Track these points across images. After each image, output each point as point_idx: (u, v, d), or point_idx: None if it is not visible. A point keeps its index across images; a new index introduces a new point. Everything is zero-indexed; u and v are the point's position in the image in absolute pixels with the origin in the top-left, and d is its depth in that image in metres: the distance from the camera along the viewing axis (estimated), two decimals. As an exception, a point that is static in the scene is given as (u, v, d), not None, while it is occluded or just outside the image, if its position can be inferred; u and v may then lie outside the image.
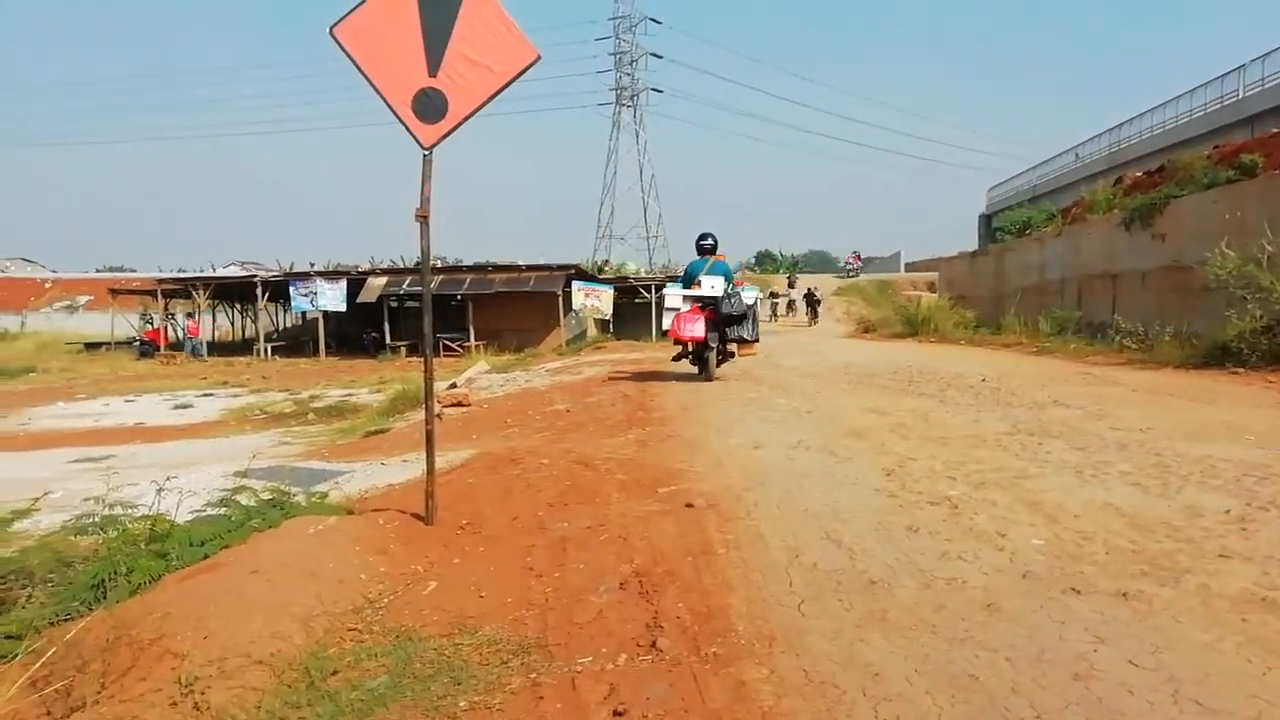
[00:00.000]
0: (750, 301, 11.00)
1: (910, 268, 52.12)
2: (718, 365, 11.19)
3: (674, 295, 11.19)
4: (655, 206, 64.37)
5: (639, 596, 3.57)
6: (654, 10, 63.41)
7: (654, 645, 3.07)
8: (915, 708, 2.52)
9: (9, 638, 3.52)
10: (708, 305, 10.77)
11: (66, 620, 3.70)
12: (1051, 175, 45.79)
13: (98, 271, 56.65)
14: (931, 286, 35.18)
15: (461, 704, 2.82)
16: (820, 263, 52.16)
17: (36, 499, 4.91)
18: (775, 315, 34.36)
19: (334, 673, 3.16)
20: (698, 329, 10.66)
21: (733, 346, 11.25)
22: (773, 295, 35.56)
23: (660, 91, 64.91)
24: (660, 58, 64.06)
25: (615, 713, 2.64)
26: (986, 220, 50.81)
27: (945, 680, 2.68)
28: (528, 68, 4.63)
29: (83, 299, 47.07)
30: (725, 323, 10.82)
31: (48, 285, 50.31)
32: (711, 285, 10.86)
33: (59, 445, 12.56)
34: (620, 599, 3.57)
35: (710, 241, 11.42)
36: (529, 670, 3.01)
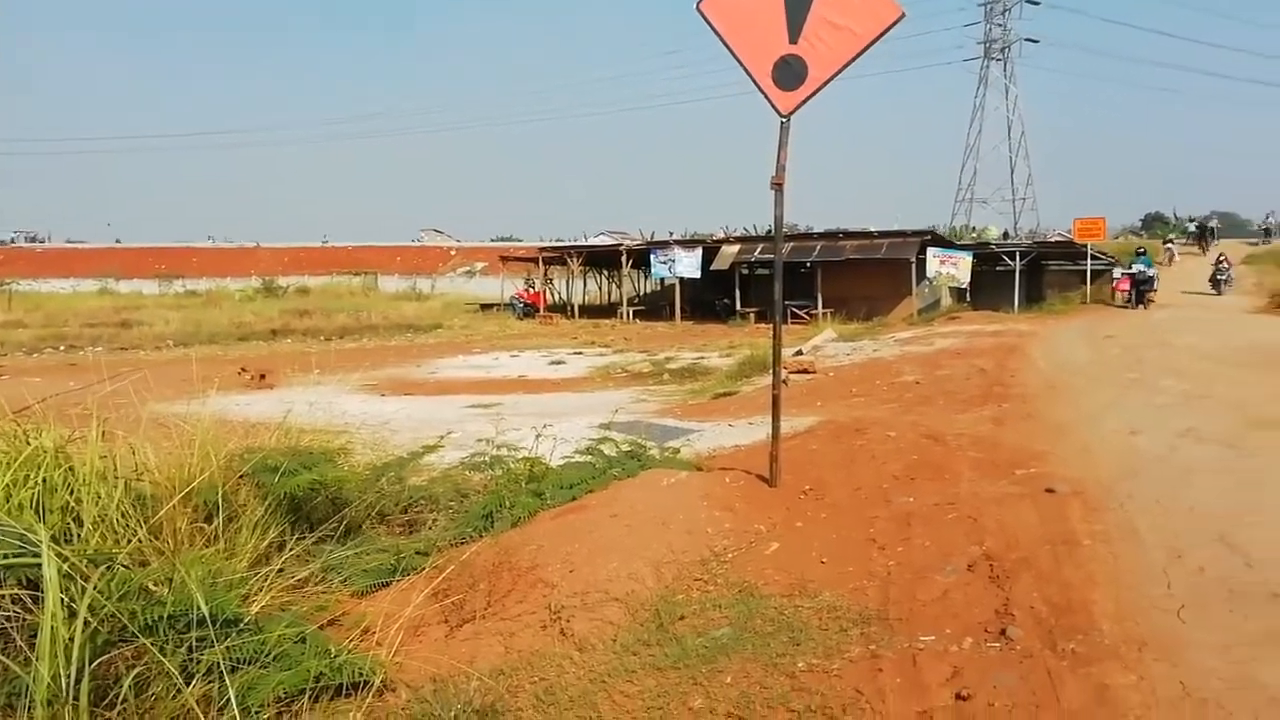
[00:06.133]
0: (1151, 274, 22.55)
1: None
2: (1137, 304, 22.23)
3: (1118, 271, 24.52)
4: (1024, 167, 58.55)
5: (989, 581, 3.39)
6: (1030, -47, 57.12)
7: (1004, 633, 2.91)
8: (1327, 747, 2.16)
9: (418, 553, 4.17)
10: (1131, 278, 22.69)
11: (462, 543, 4.31)
12: None
13: (491, 240, 63.92)
14: (1379, 253, 29.01)
15: (800, 664, 2.88)
16: (1229, 227, 44.83)
17: (441, 437, 5.74)
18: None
19: (681, 618, 3.37)
20: (1125, 286, 23.07)
21: (1145, 295, 22.34)
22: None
23: (1036, 42, 58.94)
24: (1037, 4, 58.38)
25: (958, 696, 2.56)
26: None
27: (1372, 722, 2.26)
28: (891, 26, 4.47)
29: (479, 265, 53.50)
30: (1139, 284, 22.39)
31: (452, 253, 57.80)
32: (1135, 267, 22.69)
33: (458, 392, 14.46)
34: (967, 581, 3.42)
35: (1141, 249, 25.78)
36: (868, 641, 3.00)
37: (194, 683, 2.69)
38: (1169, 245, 35.24)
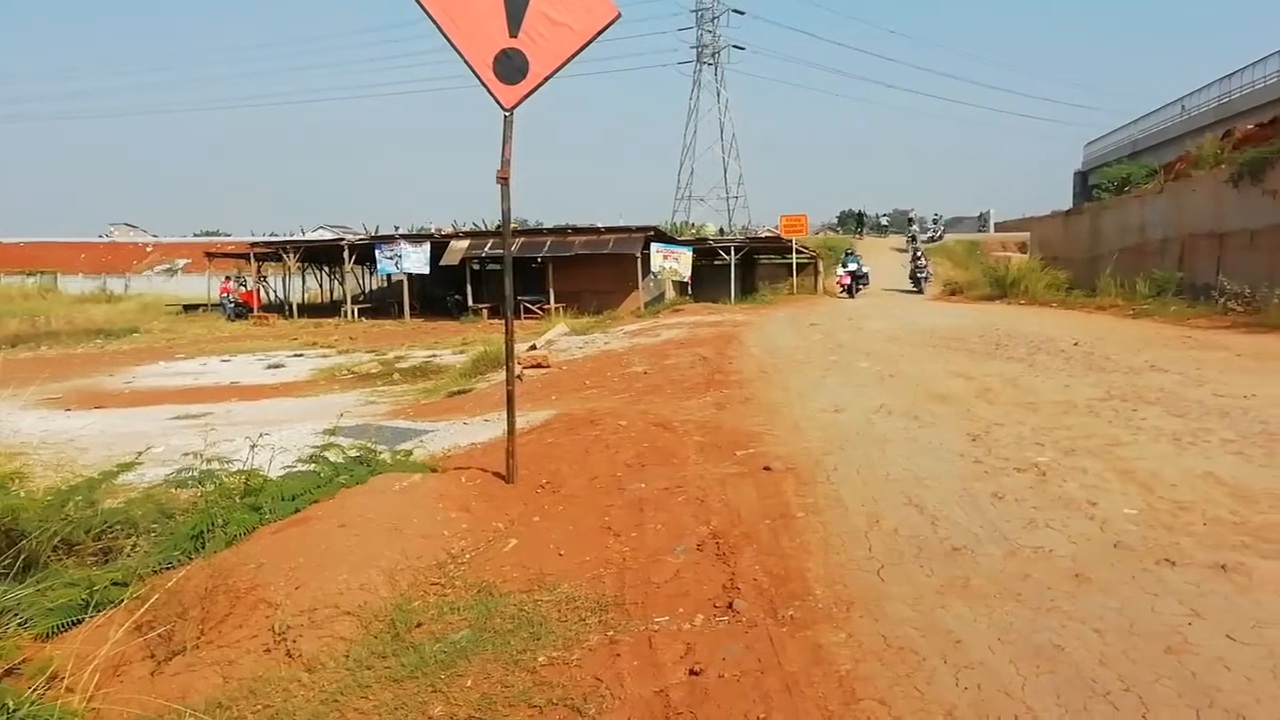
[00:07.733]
0: (866, 270, 27.97)
1: (1000, 228, 50.26)
2: (852, 295, 26.55)
3: (840, 269, 28.39)
4: (736, 167, 62.74)
5: (716, 558, 3.57)
6: (734, -34, 61.26)
7: (730, 607, 3.08)
8: (997, 677, 2.48)
9: (116, 584, 3.72)
10: (851, 274, 27.34)
11: (168, 569, 3.89)
12: (1154, 129, 43.24)
13: (195, 235, 58.62)
14: (1022, 247, 33.92)
15: (540, 659, 2.87)
16: (905, 223, 50.55)
17: (140, 454, 5.17)
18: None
19: (418, 625, 3.26)
20: (846, 281, 27.32)
21: (859, 289, 27.14)
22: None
23: (742, 49, 62.77)
24: (742, 14, 62.01)
25: (691, 671, 2.66)
26: (1082, 178, 48.58)
27: (1029, 650, 2.62)
28: (608, 26, 4.58)
29: (181, 262, 48.74)
30: (855, 279, 27.16)
31: (149, 249, 52.25)
32: (850, 265, 27.66)
33: (160, 403, 13.11)
34: (697, 560, 3.58)
35: (853, 250, 31.05)
36: (607, 628, 3.05)
37: None
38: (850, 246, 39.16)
